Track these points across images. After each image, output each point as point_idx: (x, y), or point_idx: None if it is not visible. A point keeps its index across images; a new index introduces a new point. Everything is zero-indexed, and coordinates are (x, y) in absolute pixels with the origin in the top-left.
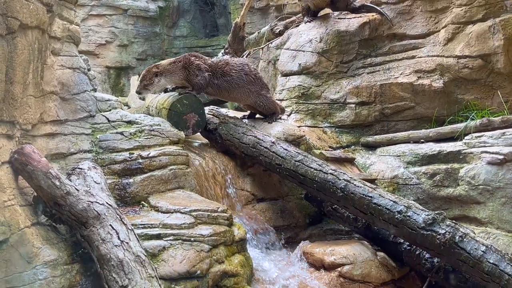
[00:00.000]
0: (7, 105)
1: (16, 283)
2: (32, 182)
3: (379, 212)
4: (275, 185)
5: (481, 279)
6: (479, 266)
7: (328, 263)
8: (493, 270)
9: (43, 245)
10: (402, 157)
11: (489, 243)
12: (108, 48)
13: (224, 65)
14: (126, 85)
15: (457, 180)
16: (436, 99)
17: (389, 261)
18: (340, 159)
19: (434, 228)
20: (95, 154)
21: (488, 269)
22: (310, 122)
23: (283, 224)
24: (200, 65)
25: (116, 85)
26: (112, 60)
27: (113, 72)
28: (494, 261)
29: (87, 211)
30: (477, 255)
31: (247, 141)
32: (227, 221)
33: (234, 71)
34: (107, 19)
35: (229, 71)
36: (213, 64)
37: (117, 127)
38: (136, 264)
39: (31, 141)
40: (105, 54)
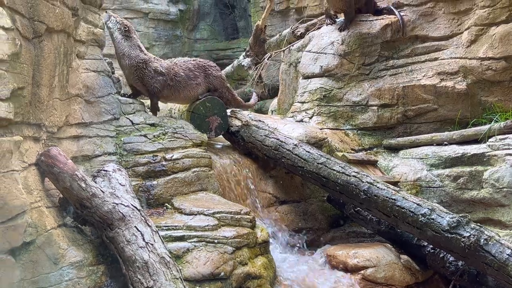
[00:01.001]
0: (34, 108)
1: (43, 284)
2: (58, 184)
3: (402, 215)
4: (298, 187)
5: (506, 282)
6: (504, 269)
7: (351, 266)
8: None
9: (69, 246)
10: (425, 159)
11: None
12: None
13: (173, 66)
14: None
15: (481, 183)
16: (459, 101)
17: (413, 264)
18: (363, 162)
19: (458, 231)
20: (119, 156)
21: None
22: (332, 125)
23: (306, 226)
24: (158, 68)
25: None
26: None
27: None
28: None
29: (112, 213)
30: (502, 258)
31: (269, 143)
32: (250, 223)
33: (182, 70)
34: None
35: (178, 71)
36: (167, 66)
37: (141, 129)
38: (161, 265)
39: (57, 144)
40: None
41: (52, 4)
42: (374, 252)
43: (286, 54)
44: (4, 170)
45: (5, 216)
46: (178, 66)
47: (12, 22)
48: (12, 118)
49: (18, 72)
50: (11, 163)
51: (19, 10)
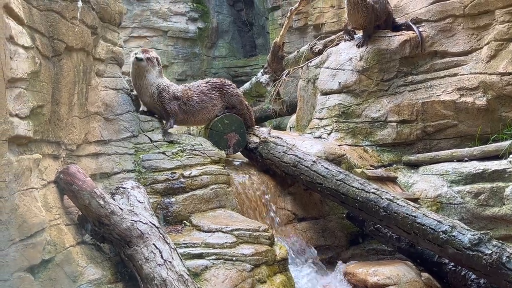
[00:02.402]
0: (53, 125)
1: None
2: (77, 201)
3: (423, 232)
4: (316, 204)
5: None
6: None
7: (371, 284)
8: None
9: (87, 264)
10: (445, 176)
11: None
12: None
13: (187, 91)
14: None
15: (502, 199)
16: (479, 117)
17: (434, 282)
18: (382, 178)
19: (480, 248)
20: (138, 173)
21: None
22: (350, 141)
23: (325, 244)
24: (175, 93)
25: None
26: None
27: None
28: None
29: (131, 230)
30: None
31: (287, 160)
32: (269, 240)
33: (196, 94)
34: (148, 41)
35: (191, 95)
36: (182, 91)
37: (159, 147)
38: (179, 283)
39: (76, 161)
40: None
41: (72, 23)
42: (395, 269)
43: (304, 71)
44: (23, 188)
45: (24, 233)
46: (192, 91)
47: (31, 40)
48: (32, 136)
49: (38, 90)
50: (30, 181)
51: (38, 29)
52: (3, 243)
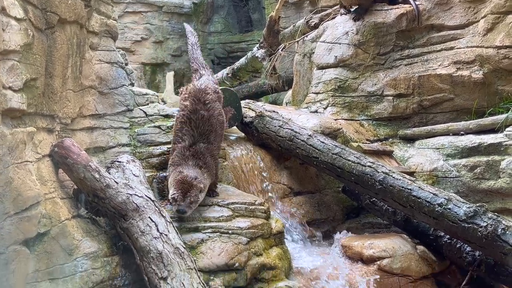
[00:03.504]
0: (47, 99)
1: (58, 275)
2: (72, 175)
3: (418, 205)
4: (312, 178)
5: None
6: None
7: (367, 256)
8: None
9: (83, 237)
10: (441, 149)
11: None
12: (143, 45)
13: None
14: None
15: (498, 173)
16: (475, 90)
17: (429, 255)
18: (378, 152)
19: (475, 220)
20: (133, 148)
21: None
22: (346, 115)
23: (321, 217)
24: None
25: (152, 82)
26: (148, 56)
27: (149, 68)
28: None
29: (126, 204)
30: None
31: (283, 134)
32: (265, 214)
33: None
34: (142, 16)
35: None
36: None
37: (154, 121)
38: (175, 256)
39: (70, 135)
40: (141, 51)
41: None
42: (390, 242)
43: (300, 45)
44: (17, 161)
45: (19, 207)
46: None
47: (24, 12)
48: (25, 109)
49: (31, 63)
50: (25, 154)
51: (31, 1)
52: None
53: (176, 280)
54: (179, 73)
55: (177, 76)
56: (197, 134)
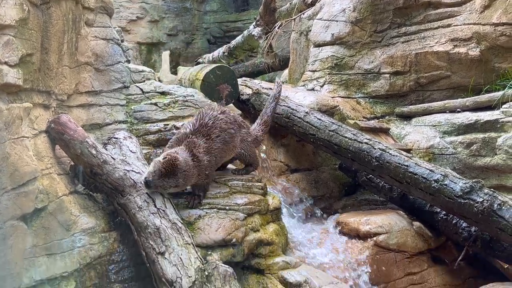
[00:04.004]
0: (43, 75)
1: (56, 250)
2: (69, 151)
3: (415, 181)
4: (309, 155)
5: None
6: None
7: (363, 233)
8: None
9: (81, 213)
10: (438, 126)
11: None
12: (139, 24)
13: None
14: (158, 61)
15: (494, 149)
16: (472, 67)
17: (425, 231)
18: (375, 129)
19: (471, 196)
20: (129, 124)
21: None
22: (343, 93)
23: (317, 194)
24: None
25: (147, 61)
26: (143, 36)
27: (145, 48)
28: None
29: (124, 180)
30: None
31: (280, 111)
32: (262, 190)
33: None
34: None
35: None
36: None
37: (151, 98)
38: (172, 231)
39: (67, 112)
40: (136, 30)
41: None
42: (386, 218)
43: (296, 23)
44: (14, 136)
45: (16, 182)
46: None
47: None
48: (22, 84)
49: (27, 38)
50: (21, 130)
51: None
52: None
53: (173, 255)
54: (175, 52)
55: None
56: (199, 125)
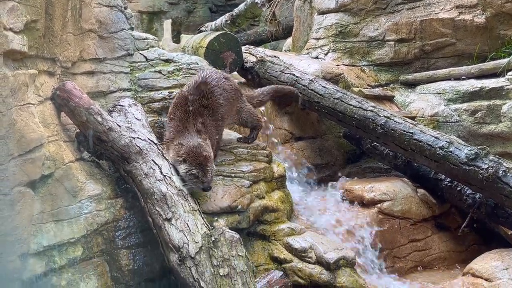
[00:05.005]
0: (47, 41)
1: (63, 217)
2: (75, 118)
3: (420, 148)
4: (313, 123)
5: None
6: None
7: (367, 200)
8: None
9: (87, 180)
10: (442, 94)
11: None
12: None
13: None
14: (159, 30)
15: (499, 117)
16: (478, 35)
17: (430, 198)
18: (379, 97)
19: (476, 163)
20: (134, 92)
21: None
22: (347, 61)
23: (322, 162)
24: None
25: (149, 30)
26: (145, 4)
27: (146, 17)
28: None
29: (129, 147)
30: None
31: (285, 79)
32: (267, 158)
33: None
34: None
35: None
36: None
37: (155, 65)
38: (179, 197)
39: (71, 79)
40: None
41: None
42: (391, 186)
43: None
44: (20, 103)
45: (22, 148)
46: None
47: None
48: (27, 51)
49: (31, 4)
50: (27, 97)
51: None
52: (2, 158)
53: (180, 221)
54: (177, 21)
55: (175, 24)
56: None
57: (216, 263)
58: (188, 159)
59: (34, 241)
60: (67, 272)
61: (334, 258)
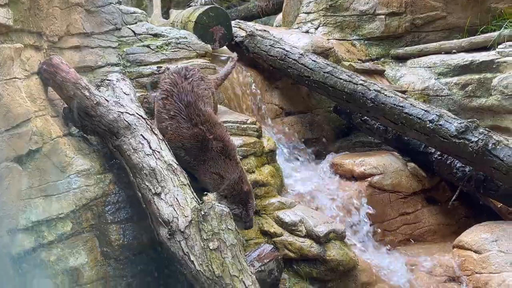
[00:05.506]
0: (33, 15)
1: (51, 192)
2: (62, 93)
3: (410, 122)
4: (304, 98)
5: None
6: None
7: (358, 174)
8: None
9: (75, 155)
10: (433, 68)
11: None
12: None
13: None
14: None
15: (489, 90)
16: (468, 8)
17: (420, 171)
18: (370, 71)
19: (466, 136)
20: (122, 67)
21: None
22: (338, 35)
23: (312, 137)
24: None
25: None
26: None
27: None
28: None
29: (118, 121)
30: (511, 162)
31: (274, 53)
32: (257, 132)
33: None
34: None
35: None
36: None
37: (143, 40)
38: (168, 172)
39: (58, 54)
40: None
41: None
42: (381, 159)
43: None
44: (6, 77)
45: (9, 123)
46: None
47: None
48: (12, 24)
49: None
50: (13, 71)
51: None
52: None
53: (170, 195)
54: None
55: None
56: (184, 106)
57: (206, 237)
58: (230, 197)
59: (23, 217)
60: (56, 248)
61: (324, 231)
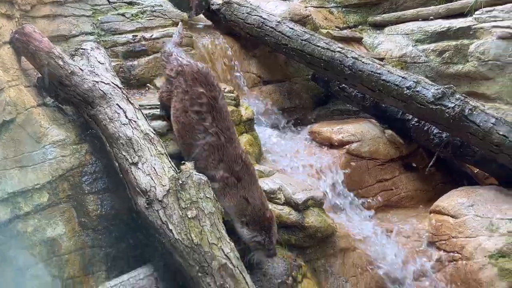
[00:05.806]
0: None
1: (27, 163)
2: (35, 62)
3: (387, 89)
4: (281, 66)
5: (490, 151)
6: (489, 138)
7: (336, 141)
8: (502, 141)
9: (50, 125)
10: (410, 35)
11: (499, 115)
12: None
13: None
14: None
15: (466, 57)
16: None
17: (397, 138)
18: (347, 38)
19: (443, 102)
20: (97, 36)
21: (497, 140)
22: (315, 3)
23: (290, 105)
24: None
25: None
26: None
27: None
28: (504, 133)
29: (93, 91)
30: (487, 127)
31: (251, 21)
32: (234, 101)
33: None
34: None
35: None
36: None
37: (118, 8)
38: (145, 141)
39: (31, 23)
40: None
41: None
42: (359, 127)
43: None
44: None
45: None
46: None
47: None
48: None
49: None
50: None
51: None
52: None
53: (147, 164)
54: None
55: None
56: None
57: (184, 206)
58: (252, 224)
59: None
60: (33, 218)
61: (303, 198)
